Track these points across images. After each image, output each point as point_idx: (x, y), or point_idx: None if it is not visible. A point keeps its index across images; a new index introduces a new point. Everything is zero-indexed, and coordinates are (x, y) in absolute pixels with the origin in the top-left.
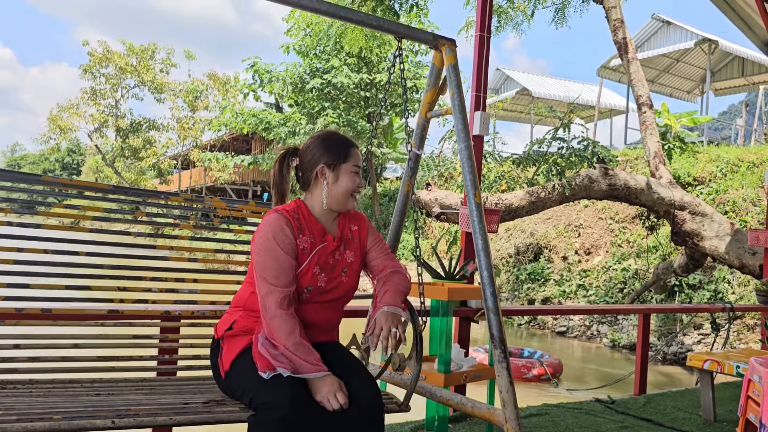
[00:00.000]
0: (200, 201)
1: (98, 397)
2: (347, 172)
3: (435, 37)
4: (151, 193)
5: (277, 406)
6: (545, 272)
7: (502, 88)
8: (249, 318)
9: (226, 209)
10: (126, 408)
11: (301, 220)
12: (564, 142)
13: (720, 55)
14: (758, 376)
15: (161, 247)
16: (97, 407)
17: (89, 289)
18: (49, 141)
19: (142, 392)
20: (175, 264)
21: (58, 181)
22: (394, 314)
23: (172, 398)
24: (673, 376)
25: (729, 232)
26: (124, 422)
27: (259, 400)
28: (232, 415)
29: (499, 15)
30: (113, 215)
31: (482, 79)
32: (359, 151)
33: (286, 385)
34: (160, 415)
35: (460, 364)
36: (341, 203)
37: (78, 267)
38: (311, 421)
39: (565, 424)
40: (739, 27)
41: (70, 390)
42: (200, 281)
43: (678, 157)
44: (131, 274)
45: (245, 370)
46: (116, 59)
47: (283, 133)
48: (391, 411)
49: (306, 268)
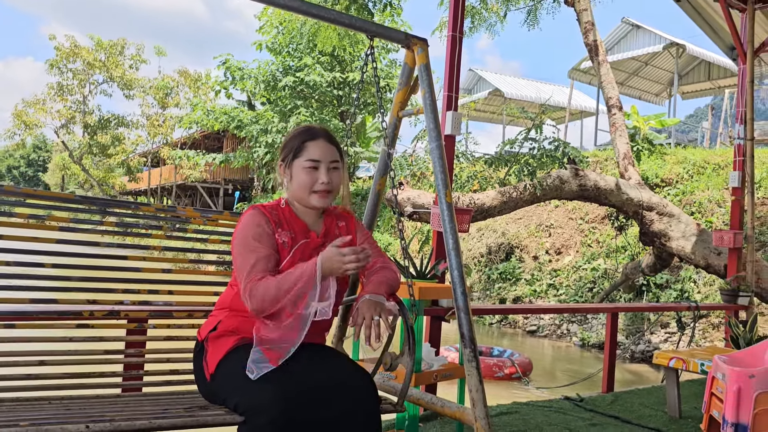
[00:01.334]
0: (173, 211)
1: (69, 411)
2: (299, 167)
3: (407, 36)
4: (121, 204)
5: (265, 410)
6: (516, 272)
7: (474, 88)
8: (234, 318)
9: (200, 219)
10: (101, 414)
11: (280, 215)
12: (535, 142)
13: (687, 59)
14: (722, 373)
15: (132, 258)
16: (69, 416)
17: (56, 302)
18: (14, 137)
19: (117, 406)
20: (148, 272)
21: (22, 191)
22: (377, 302)
23: (150, 408)
24: (640, 374)
25: (695, 233)
26: (99, 427)
27: (247, 403)
28: (216, 418)
29: (472, 16)
30: (81, 225)
31: (454, 79)
32: (327, 143)
33: (274, 386)
34: (139, 419)
35: (430, 363)
36: (304, 201)
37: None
38: (303, 421)
39: (535, 422)
40: (705, 32)
41: (38, 407)
42: (176, 293)
43: (646, 158)
44: (102, 287)
45: (232, 372)
46: (84, 54)
47: (255, 131)
48: (386, 411)
49: (289, 262)
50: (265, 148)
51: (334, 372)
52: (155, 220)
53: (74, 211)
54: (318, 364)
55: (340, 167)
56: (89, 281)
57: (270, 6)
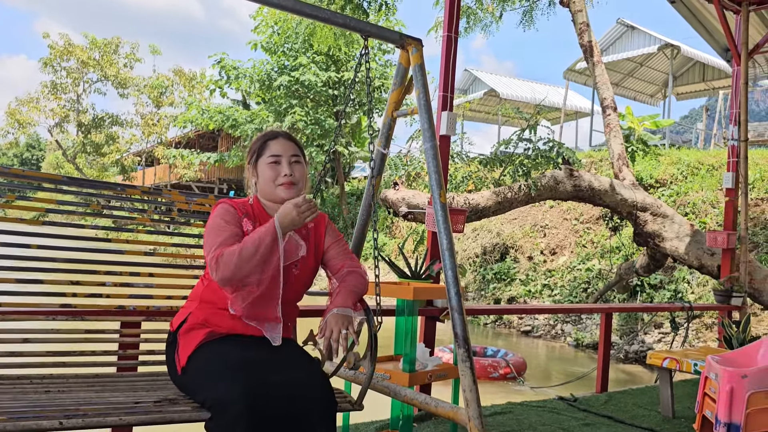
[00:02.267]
0: (158, 194)
1: (47, 395)
2: (264, 164)
3: (402, 36)
4: (108, 185)
5: (232, 406)
6: (511, 272)
7: (470, 89)
8: (203, 310)
9: (185, 203)
10: (75, 407)
11: (249, 209)
12: (530, 143)
13: (682, 60)
14: (714, 373)
15: (117, 240)
16: (46, 406)
17: (42, 282)
18: (7, 135)
19: (94, 389)
20: (130, 255)
21: (10, 172)
22: (345, 316)
23: (123, 396)
24: (634, 374)
25: (689, 234)
26: (72, 423)
27: (214, 399)
28: (183, 414)
29: (467, 16)
30: (68, 207)
31: (450, 79)
32: (287, 140)
33: (240, 383)
34: (110, 415)
35: (425, 364)
36: (272, 195)
37: (30, 261)
38: (267, 417)
39: (529, 422)
40: (700, 33)
41: (18, 387)
42: (156, 275)
43: (641, 159)
44: (85, 268)
45: (201, 367)
46: (78, 53)
47: (249, 130)
48: (345, 409)
49: None
50: None
51: (295, 370)
52: (140, 203)
53: (61, 192)
54: (280, 361)
55: (302, 162)
56: (73, 263)
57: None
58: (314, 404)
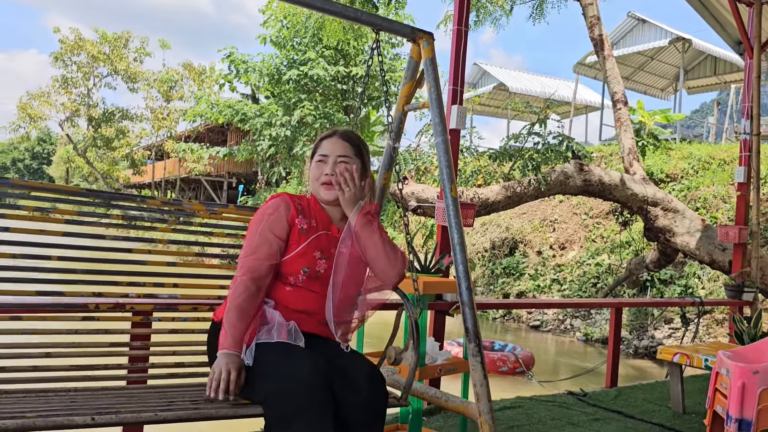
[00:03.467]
0: (178, 204)
1: (75, 403)
2: (313, 162)
3: (413, 30)
4: (127, 197)
5: (291, 394)
6: (520, 266)
7: (479, 82)
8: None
9: (205, 212)
10: (107, 406)
11: (305, 205)
12: (540, 137)
13: (693, 53)
14: (725, 369)
15: (138, 251)
16: (77, 408)
17: (63, 295)
18: (19, 129)
19: (122, 398)
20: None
21: (29, 184)
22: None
23: (155, 400)
24: (644, 370)
25: (700, 229)
26: (105, 419)
27: (273, 389)
28: (220, 411)
29: (477, 9)
30: (86, 218)
31: (459, 72)
32: (341, 140)
33: (299, 372)
34: (145, 411)
35: (434, 357)
36: (316, 195)
37: (51, 273)
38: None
39: (539, 416)
40: (712, 26)
41: (43, 398)
42: (181, 286)
43: (651, 153)
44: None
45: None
46: (88, 47)
47: (259, 124)
48: (390, 405)
49: (305, 249)
50: (269, 142)
51: (351, 364)
52: (160, 213)
53: (80, 204)
54: (334, 356)
55: (351, 162)
56: (95, 274)
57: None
58: (364, 395)
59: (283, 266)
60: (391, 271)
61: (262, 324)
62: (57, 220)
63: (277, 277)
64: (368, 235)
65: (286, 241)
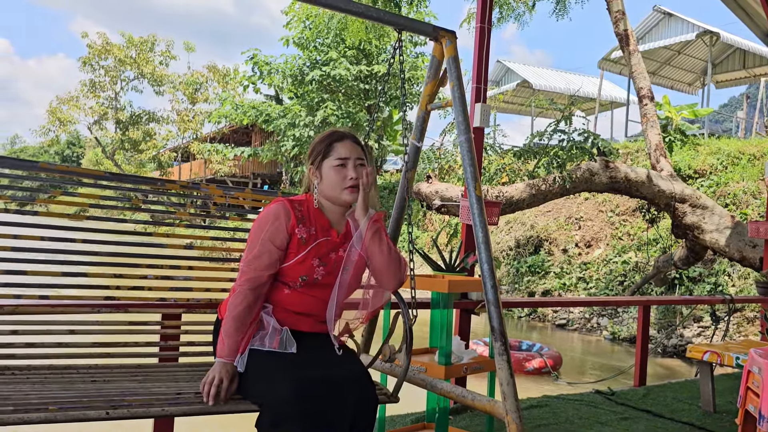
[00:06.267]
0: (196, 188)
1: (93, 384)
2: (329, 167)
3: (435, 28)
4: (148, 180)
5: (281, 400)
6: (545, 265)
7: (502, 80)
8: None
9: (223, 197)
10: (120, 398)
11: (304, 211)
12: (565, 134)
13: (721, 47)
14: (758, 367)
15: (158, 234)
16: (92, 397)
17: (86, 276)
18: (49, 133)
19: (137, 379)
20: (171, 248)
21: (56, 168)
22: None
23: (165, 387)
24: (672, 369)
25: (729, 225)
26: (118, 413)
27: (265, 393)
28: (222, 407)
29: (500, 6)
30: (109, 203)
31: (483, 70)
32: (353, 143)
33: (290, 377)
34: (154, 406)
35: (460, 356)
36: (335, 198)
37: (75, 254)
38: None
39: (566, 415)
40: (740, 17)
41: (66, 377)
42: (195, 268)
43: (679, 149)
44: (128, 261)
45: (249, 362)
46: (115, 51)
47: (282, 125)
48: (381, 402)
49: (303, 257)
50: (292, 142)
51: (342, 367)
52: (179, 197)
53: (103, 187)
54: (326, 358)
55: (366, 165)
56: (116, 257)
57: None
58: (354, 397)
59: (281, 272)
60: (393, 279)
61: (258, 329)
62: (80, 204)
63: (276, 279)
64: (377, 244)
65: (285, 250)
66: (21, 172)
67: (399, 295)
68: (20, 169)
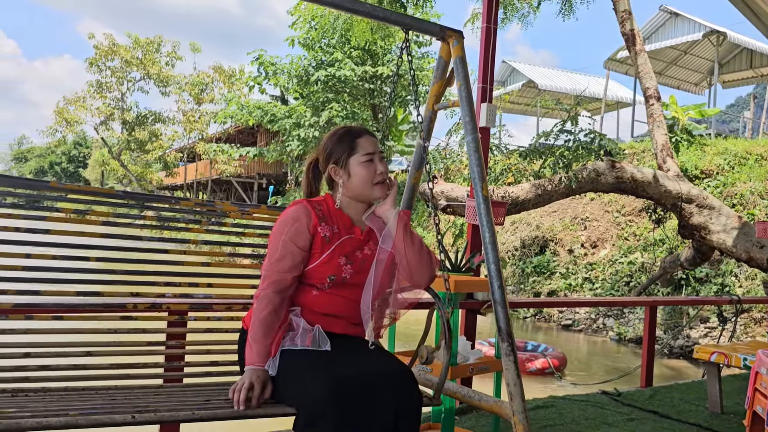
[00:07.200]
0: (210, 206)
1: (115, 401)
2: (357, 163)
3: (442, 28)
4: (161, 198)
5: (321, 401)
6: (551, 265)
7: (508, 80)
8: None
9: (237, 212)
10: (145, 405)
11: (325, 210)
12: (571, 134)
13: (728, 46)
14: (766, 368)
15: (173, 251)
16: (115, 406)
17: (101, 295)
18: (55, 134)
19: (161, 396)
20: (188, 266)
21: (66, 187)
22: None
23: (193, 398)
24: (679, 370)
25: (736, 226)
26: (145, 417)
27: (301, 395)
28: (257, 411)
29: (504, 6)
30: (122, 220)
31: (489, 70)
32: (371, 136)
33: (327, 378)
34: (182, 410)
35: (466, 357)
36: (366, 196)
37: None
38: (354, 412)
39: (572, 416)
40: (747, 17)
41: (86, 396)
42: (215, 285)
43: (685, 149)
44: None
45: (282, 366)
46: (122, 52)
47: (288, 125)
48: (424, 405)
49: (329, 256)
50: (298, 142)
51: (379, 364)
52: (193, 214)
53: (116, 206)
54: (362, 356)
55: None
56: (132, 275)
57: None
58: (402, 398)
59: (308, 274)
60: (425, 275)
61: (287, 331)
62: (94, 222)
63: (302, 281)
64: (408, 239)
65: (309, 251)
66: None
67: (432, 291)
68: (33, 189)
